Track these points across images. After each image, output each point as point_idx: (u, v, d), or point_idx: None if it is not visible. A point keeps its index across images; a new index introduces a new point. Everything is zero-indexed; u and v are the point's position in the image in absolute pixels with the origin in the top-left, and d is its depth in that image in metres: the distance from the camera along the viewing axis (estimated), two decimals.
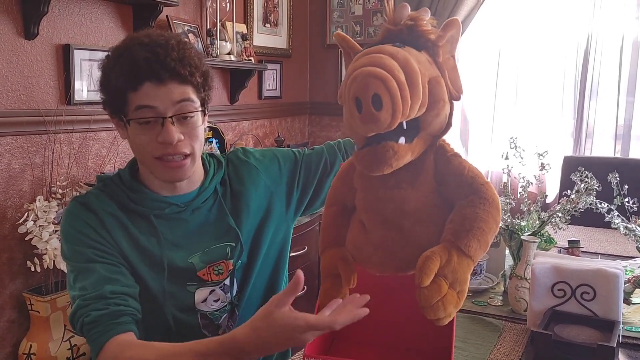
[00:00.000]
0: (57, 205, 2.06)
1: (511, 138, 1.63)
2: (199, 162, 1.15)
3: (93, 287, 1.05)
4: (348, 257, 0.95)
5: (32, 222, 1.99)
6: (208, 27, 2.89)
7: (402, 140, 0.81)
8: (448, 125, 0.86)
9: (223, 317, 1.19)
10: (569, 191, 1.60)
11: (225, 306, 1.19)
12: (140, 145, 1.08)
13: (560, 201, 1.60)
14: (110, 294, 1.04)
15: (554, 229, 1.60)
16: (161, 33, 1.10)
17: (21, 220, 2.00)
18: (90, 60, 2.33)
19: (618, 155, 3.13)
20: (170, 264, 1.13)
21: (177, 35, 1.12)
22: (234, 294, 1.21)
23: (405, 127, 0.80)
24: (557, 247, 1.85)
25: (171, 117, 1.05)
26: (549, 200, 2.92)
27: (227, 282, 1.19)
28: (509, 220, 1.60)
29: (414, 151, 0.84)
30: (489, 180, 3.05)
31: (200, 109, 1.10)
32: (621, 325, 1.30)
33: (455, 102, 0.87)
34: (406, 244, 0.89)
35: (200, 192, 1.18)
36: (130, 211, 1.13)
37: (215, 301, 1.18)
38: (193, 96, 1.08)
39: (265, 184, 1.25)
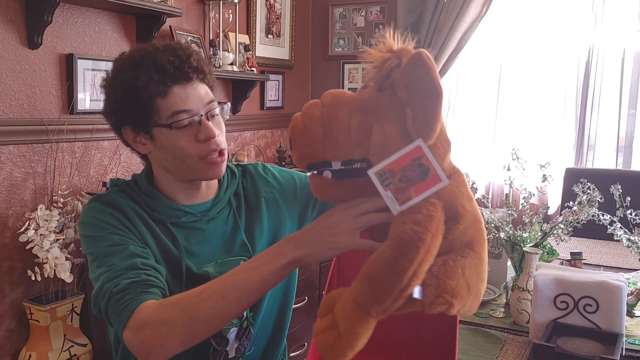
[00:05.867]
0: (59, 215, 2.06)
1: (513, 149, 1.63)
2: None
3: (123, 260, 1.02)
4: None
5: (33, 231, 1.98)
6: (211, 38, 2.91)
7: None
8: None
9: (231, 331, 1.18)
10: (571, 203, 1.59)
11: (234, 320, 1.18)
12: (182, 149, 1.08)
13: (562, 213, 1.60)
14: (141, 264, 1.02)
15: (556, 241, 1.60)
16: (163, 41, 1.13)
17: (22, 229, 2.00)
18: (93, 70, 2.34)
19: (620, 167, 3.13)
20: (187, 269, 1.13)
21: (179, 41, 1.15)
22: (247, 311, 1.18)
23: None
24: (559, 259, 1.85)
25: (205, 114, 1.08)
26: (550, 212, 2.92)
27: None
28: (510, 232, 1.60)
29: None
30: (490, 192, 2.98)
31: (222, 104, 1.13)
32: (624, 338, 1.29)
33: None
34: None
35: (215, 203, 1.19)
36: (149, 214, 1.14)
37: None
38: (212, 94, 1.12)
39: (280, 205, 1.25)
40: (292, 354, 1.40)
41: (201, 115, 1.08)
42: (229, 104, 1.17)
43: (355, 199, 0.88)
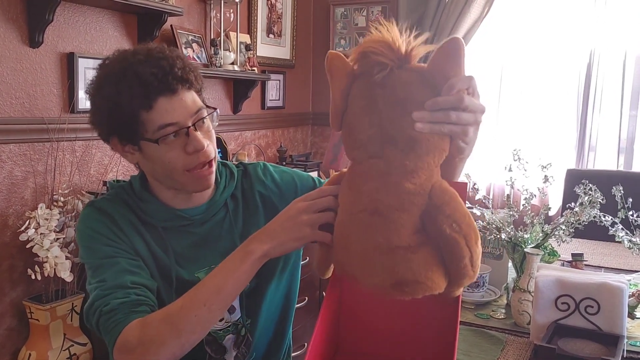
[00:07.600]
0: (59, 214, 2.06)
1: (514, 150, 1.63)
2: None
3: (113, 277, 1.03)
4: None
5: (34, 230, 1.98)
6: (212, 37, 2.90)
7: None
8: None
9: (227, 337, 1.17)
10: (572, 204, 1.59)
11: (229, 327, 1.17)
12: (170, 162, 1.06)
13: (564, 214, 1.60)
14: (131, 283, 1.02)
15: (558, 242, 1.59)
16: (145, 47, 1.08)
17: (22, 228, 2.00)
18: (94, 69, 2.31)
19: (621, 168, 3.13)
20: (178, 276, 1.12)
21: (161, 46, 1.10)
22: (244, 318, 1.18)
23: None
24: (561, 260, 1.85)
25: (193, 125, 1.06)
26: (551, 213, 2.91)
27: (234, 303, 1.16)
28: (512, 233, 1.60)
29: None
30: (491, 192, 2.97)
31: (210, 110, 1.10)
32: (625, 340, 1.29)
33: None
34: None
35: (209, 206, 1.17)
36: (141, 219, 1.13)
37: (219, 320, 1.14)
38: (200, 101, 1.09)
39: (277, 209, 1.21)
40: (292, 354, 1.39)
41: (188, 127, 1.05)
42: (218, 110, 1.14)
43: (312, 193, 0.98)
